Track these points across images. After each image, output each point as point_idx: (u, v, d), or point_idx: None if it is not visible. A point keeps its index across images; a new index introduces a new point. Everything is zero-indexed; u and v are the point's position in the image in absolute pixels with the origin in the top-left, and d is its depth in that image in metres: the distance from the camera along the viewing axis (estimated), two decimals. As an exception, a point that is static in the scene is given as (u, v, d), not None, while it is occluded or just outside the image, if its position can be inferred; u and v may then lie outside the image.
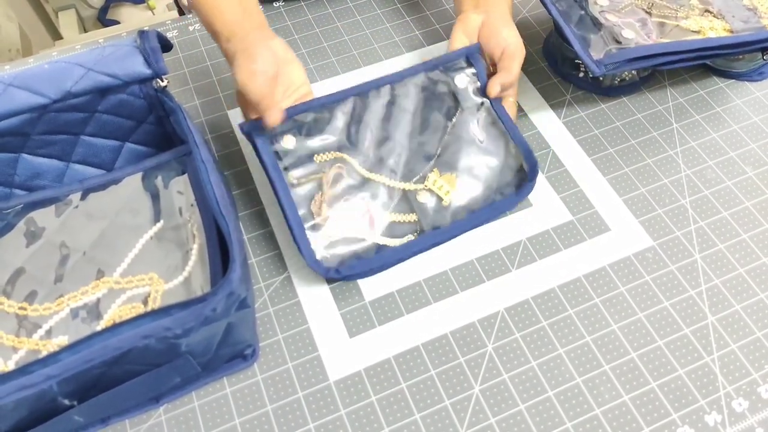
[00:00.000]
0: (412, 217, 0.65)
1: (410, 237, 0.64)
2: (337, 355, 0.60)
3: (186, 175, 0.63)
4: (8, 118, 0.58)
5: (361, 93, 0.68)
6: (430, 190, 0.66)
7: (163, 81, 0.61)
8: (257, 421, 0.56)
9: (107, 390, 0.51)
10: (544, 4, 0.74)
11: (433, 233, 0.64)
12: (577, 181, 0.70)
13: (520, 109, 0.76)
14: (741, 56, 0.77)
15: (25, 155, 0.62)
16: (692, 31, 0.72)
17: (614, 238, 0.66)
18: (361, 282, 0.64)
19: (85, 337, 0.46)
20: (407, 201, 0.66)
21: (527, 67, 0.81)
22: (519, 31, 0.80)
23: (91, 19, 2.17)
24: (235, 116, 0.77)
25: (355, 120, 0.67)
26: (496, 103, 0.70)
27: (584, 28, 0.73)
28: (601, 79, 0.76)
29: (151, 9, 2.12)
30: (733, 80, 0.79)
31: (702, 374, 0.58)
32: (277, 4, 0.88)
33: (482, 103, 0.70)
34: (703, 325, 0.61)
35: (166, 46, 0.62)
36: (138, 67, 0.60)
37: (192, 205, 0.61)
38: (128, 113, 0.63)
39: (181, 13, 1.09)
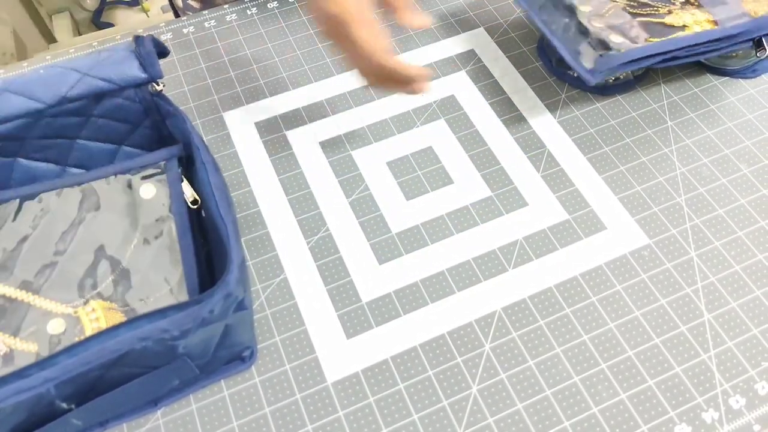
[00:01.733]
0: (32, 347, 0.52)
1: None
2: (334, 357, 0.60)
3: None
4: (4, 123, 0.58)
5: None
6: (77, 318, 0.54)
7: (158, 85, 0.61)
8: (255, 424, 0.56)
9: (105, 393, 0.51)
10: (531, 21, 0.74)
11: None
12: (572, 180, 0.71)
13: (514, 109, 0.77)
14: (734, 54, 0.77)
15: (21, 159, 0.62)
16: (677, 27, 0.72)
17: (610, 237, 0.67)
18: (357, 283, 0.64)
19: (82, 339, 0.46)
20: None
21: (521, 67, 0.81)
22: (512, 31, 0.80)
23: (86, 22, 2.17)
24: (231, 118, 0.77)
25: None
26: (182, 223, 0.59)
27: (572, 36, 0.73)
28: (595, 78, 0.76)
29: (145, 11, 2.12)
30: (727, 78, 0.79)
31: (699, 372, 0.58)
32: (272, 5, 0.89)
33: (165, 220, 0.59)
34: (700, 322, 0.61)
35: (162, 52, 0.62)
36: (133, 71, 0.60)
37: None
38: (124, 117, 0.63)
39: (177, 15, 1.09)
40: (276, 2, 0.89)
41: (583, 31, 0.73)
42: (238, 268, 0.50)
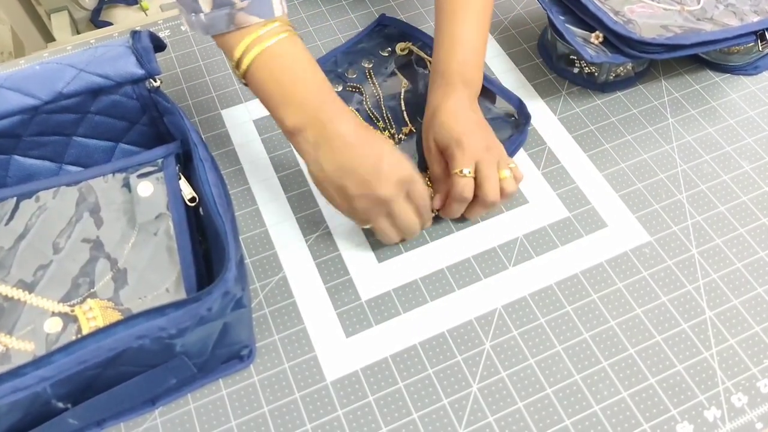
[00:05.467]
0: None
1: None
2: (333, 355, 0.59)
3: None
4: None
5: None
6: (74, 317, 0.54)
7: (156, 81, 0.61)
8: (254, 423, 0.56)
9: (102, 392, 0.50)
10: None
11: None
12: (573, 177, 0.70)
13: (515, 106, 0.76)
14: (736, 49, 0.76)
15: (17, 157, 0.62)
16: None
17: (611, 234, 0.66)
18: (357, 281, 0.64)
19: (79, 338, 0.46)
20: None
21: (522, 64, 0.80)
22: (513, 28, 0.79)
23: (84, 21, 2.16)
24: (230, 116, 0.76)
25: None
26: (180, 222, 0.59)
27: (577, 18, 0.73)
28: (595, 74, 0.76)
29: (144, 10, 2.11)
30: (729, 74, 0.79)
31: (701, 369, 0.58)
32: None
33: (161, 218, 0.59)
34: (701, 320, 0.61)
35: (159, 45, 0.62)
36: (130, 67, 0.60)
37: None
38: (121, 114, 0.63)
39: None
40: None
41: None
42: (236, 266, 0.50)
